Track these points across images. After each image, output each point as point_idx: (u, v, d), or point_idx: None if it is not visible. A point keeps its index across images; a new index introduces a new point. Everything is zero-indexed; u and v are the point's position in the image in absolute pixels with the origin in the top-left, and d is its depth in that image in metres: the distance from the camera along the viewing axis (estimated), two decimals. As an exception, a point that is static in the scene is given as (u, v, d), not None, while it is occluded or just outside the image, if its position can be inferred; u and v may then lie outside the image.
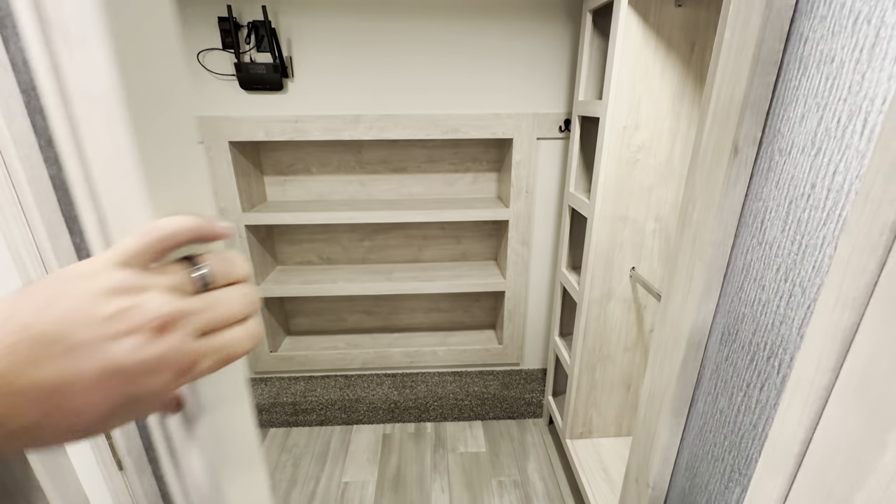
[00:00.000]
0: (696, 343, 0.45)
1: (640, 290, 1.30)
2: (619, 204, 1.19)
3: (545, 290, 1.78)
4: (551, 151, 1.57)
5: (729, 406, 0.35)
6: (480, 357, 1.85)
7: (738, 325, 0.36)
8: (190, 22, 1.32)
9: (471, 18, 1.38)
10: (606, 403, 1.44)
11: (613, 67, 1.05)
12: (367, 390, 1.76)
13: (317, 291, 1.67)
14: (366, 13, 1.35)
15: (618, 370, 1.40)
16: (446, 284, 1.69)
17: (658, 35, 1.04)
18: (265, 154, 1.66)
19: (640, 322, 1.34)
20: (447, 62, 1.43)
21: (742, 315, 0.35)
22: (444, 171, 1.74)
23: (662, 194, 1.19)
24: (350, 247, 1.85)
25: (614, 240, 1.23)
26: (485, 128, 1.50)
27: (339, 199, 1.74)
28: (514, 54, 1.42)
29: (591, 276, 1.26)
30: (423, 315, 1.99)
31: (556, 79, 1.46)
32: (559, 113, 1.50)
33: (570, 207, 1.41)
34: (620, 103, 1.09)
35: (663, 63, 1.07)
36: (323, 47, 1.38)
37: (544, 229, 1.68)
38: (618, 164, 1.14)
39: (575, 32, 1.40)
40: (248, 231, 1.58)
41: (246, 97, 1.41)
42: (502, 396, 1.75)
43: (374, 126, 1.47)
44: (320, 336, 1.94)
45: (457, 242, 1.87)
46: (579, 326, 1.33)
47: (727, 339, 0.37)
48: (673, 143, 1.14)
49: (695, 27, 1.05)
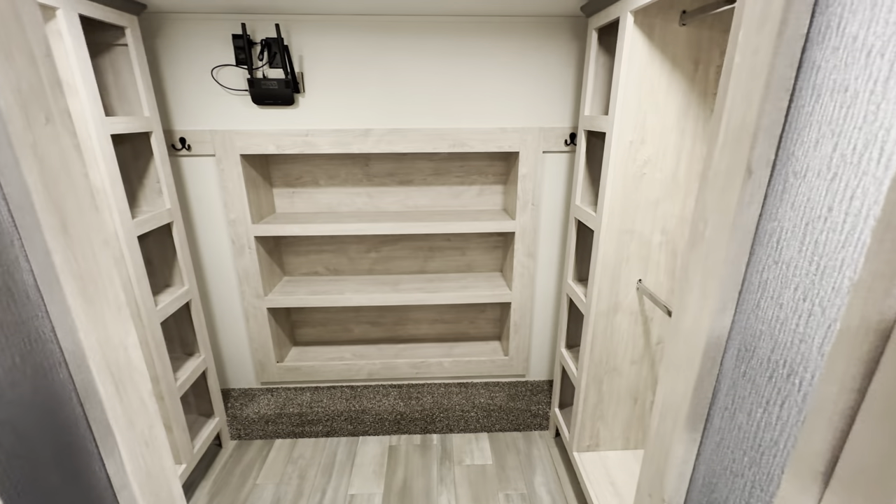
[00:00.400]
0: (711, 359, 0.46)
1: (646, 303, 1.30)
2: (626, 217, 1.20)
3: (551, 301, 1.79)
4: (557, 164, 1.59)
5: (748, 422, 0.36)
6: (486, 368, 1.85)
7: (755, 342, 0.37)
8: (205, 39, 1.35)
9: (478, 36, 1.41)
10: (614, 416, 1.44)
11: (620, 84, 1.08)
12: (374, 401, 1.75)
13: (324, 302, 1.68)
14: (375, 30, 1.38)
15: (625, 382, 1.40)
16: (453, 296, 1.69)
17: (663, 53, 1.07)
18: (274, 166, 1.69)
19: (646, 334, 1.34)
20: (455, 77, 1.46)
21: (759, 332, 0.36)
22: (450, 184, 1.76)
23: (668, 208, 1.20)
24: (357, 258, 1.86)
25: (621, 252, 1.24)
26: (491, 141, 1.52)
27: (347, 210, 1.76)
28: (520, 70, 1.45)
29: (597, 289, 1.27)
30: (429, 326, 1.99)
31: (562, 94, 1.49)
32: (565, 127, 1.52)
33: (577, 220, 1.43)
34: (627, 118, 1.11)
35: (668, 80, 1.09)
36: (334, 63, 1.41)
37: (550, 241, 1.70)
38: (624, 178, 1.16)
39: (580, 49, 1.43)
40: (257, 242, 1.60)
41: (258, 112, 1.44)
42: (508, 408, 1.74)
43: (382, 140, 1.49)
44: (326, 346, 1.94)
45: (462, 254, 1.89)
46: (586, 339, 1.33)
47: (744, 355, 0.38)
48: (678, 157, 1.16)
49: (698, 45, 1.07)
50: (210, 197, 1.55)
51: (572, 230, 1.46)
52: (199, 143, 1.46)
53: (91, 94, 1.04)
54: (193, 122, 1.45)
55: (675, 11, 1.04)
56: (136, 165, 1.33)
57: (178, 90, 1.41)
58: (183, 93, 1.41)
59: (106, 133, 1.09)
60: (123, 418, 0.52)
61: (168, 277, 1.45)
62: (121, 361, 0.53)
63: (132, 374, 0.58)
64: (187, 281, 1.44)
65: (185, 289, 1.43)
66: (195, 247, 1.62)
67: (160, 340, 1.28)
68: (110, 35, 1.17)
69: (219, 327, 1.75)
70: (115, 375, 0.51)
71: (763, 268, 0.36)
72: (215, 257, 1.64)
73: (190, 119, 1.44)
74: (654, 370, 1.39)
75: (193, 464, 1.45)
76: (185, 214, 1.56)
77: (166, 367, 1.31)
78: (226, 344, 1.77)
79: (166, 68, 1.38)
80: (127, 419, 0.53)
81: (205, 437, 1.53)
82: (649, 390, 1.42)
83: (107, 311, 0.51)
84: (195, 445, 1.48)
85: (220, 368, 1.81)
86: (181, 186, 1.53)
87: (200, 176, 1.52)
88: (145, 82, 1.23)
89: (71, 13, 0.99)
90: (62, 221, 0.42)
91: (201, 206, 1.56)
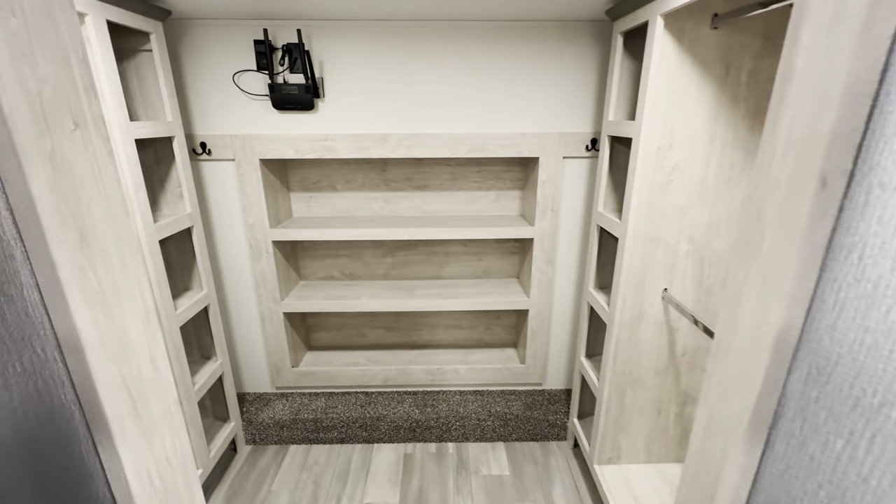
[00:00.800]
0: (773, 381, 0.43)
1: (671, 312, 1.27)
2: (652, 224, 1.17)
3: (569, 309, 1.76)
4: (577, 170, 1.56)
5: (823, 453, 0.33)
6: (502, 376, 1.82)
7: (831, 367, 0.34)
8: (228, 44, 1.35)
9: (498, 40, 1.39)
10: (636, 428, 1.40)
11: (648, 89, 1.05)
12: (389, 408, 1.74)
13: (340, 308, 1.67)
14: (395, 35, 1.38)
15: (648, 394, 1.36)
16: (470, 302, 1.67)
17: (693, 57, 1.04)
18: (292, 171, 1.69)
19: (671, 345, 1.30)
20: (474, 82, 1.44)
21: (836, 356, 0.34)
22: (467, 189, 1.74)
23: (696, 215, 1.17)
24: (372, 262, 1.85)
25: (646, 261, 1.21)
26: (511, 147, 1.50)
27: (363, 215, 1.75)
28: (540, 75, 1.43)
29: (622, 298, 1.24)
30: (444, 331, 1.97)
31: (583, 99, 1.47)
32: (586, 132, 1.50)
33: (599, 227, 1.40)
34: (654, 124, 1.08)
35: (698, 84, 1.06)
36: (353, 68, 1.40)
37: (569, 248, 1.67)
38: (651, 185, 1.13)
39: (601, 53, 1.41)
40: (274, 246, 1.59)
41: (277, 116, 1.44)
42: (525, 417, 1.71)
43: (401, 144, 1.48)
44: (341, 351, 1.93)
45: (479, 259, 1.86)
46: (609, 348, 1.30)
47: (816, 379, 0.36)
48: (707, 164, 1.13)
49: (730, 49, 1.04)
50: (229, 201, 1.55)
51: (594, 237, 1.43)
52: (220, 148, 1.46)
53: (116, 99, 1.05)
54: (214, 126, 1.45)
55: (706, 14, 1.01)
56: (158, 170, 1.33)
57: (200, 95, 1.41)
58: (204, 98, 1.42)
59: (130, 137, 1.09)
60: (140, 438, 0.50)
61: (187, 281, 1.45)
62: (144, 374, 0.51)
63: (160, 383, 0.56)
64: (206, 285, 1.44)
65: (203, 293, 1.42)
66: (213, 250, 1.62)
67: (179, 345, 1.28)
68: (136, 41, 1.18)
69: (235, 331, 1.75)
70: (135, 390, 0.49)
71: (840, 286, 0.33)
72: (233, 261, 1.64)
73: (211, 124, 1.45)
74: (678, 381, 1.35)
75: (210, 468, 1.45)
76: (205, 218, 1.57)
77: (185, 373, 1.30)
78: (241, 348, 1.77)
79: (188, 73, 1.39)
80: (145, 437, 0.51)
81: (221, 442, 1.53)
82: (673, 402, 1.38)
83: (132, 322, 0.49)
84: (211, 450, 1.48)
85: (236, 372, 1.81)
86: (201, 190, 1.53)
87: (220, 180, 1.52)
88: (169, 87, 1.24)
89: (99, 19, 0.99)
90: (80, 231, 0.40)
91: (220, 210, 1.57)
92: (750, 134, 1.11)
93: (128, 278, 0.49)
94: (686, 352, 1.31)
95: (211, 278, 1.47)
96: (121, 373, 0.45)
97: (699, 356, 1.32)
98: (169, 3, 1.19)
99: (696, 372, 1.34)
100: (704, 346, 1.31)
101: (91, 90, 0.45)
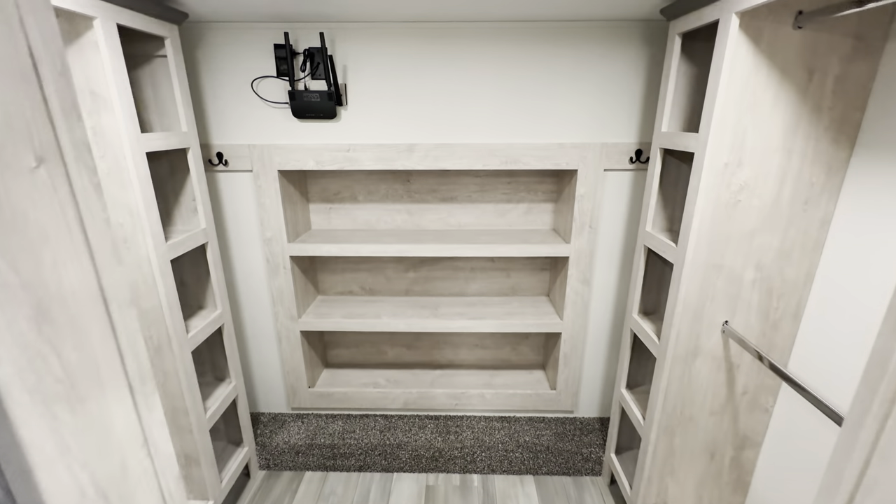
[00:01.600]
0: None
1: (732, 347, 1.13)
2: (714, 250, 1.04)
3: (605, 333, 1.62)
4: (619, 184, 1.43)
5: None
6: (531, 402, 1.70)
7: None
8: (246, 49, 1.27)
9: (537, 43, 1.27)
10: (686, 472, 1.26)
11: (717, 97, 0.92)
12: (409, 434, 1.63)
13: (360, 327, 1.57)
14: (424, 38, 1.27)
15: (702, 435, 1.22)
16: (498, 324, 1.55)
17: (771, 60, 0.90)
18: (312, 181, 1.60)
19: (730, 383, 1.16)
20: (508, 89, 1.32)
21: None
22: (495, 201, 1.62)
23: (766, 240, 1.03)
24: (394, 277, 1.75)
25: (706, 290, 1.07)
26: (547, 158, 1.38)
27: (386, 227, 1.65)
28: (581, 80, 1.31)
29: (676, 330, 1.10)
30: (468, 351, 1.85)
31: (628, 106, 1.33)
32: (630, 143, 1.37)
33: (647, 248, 1.27)
34: (722, 138, 0.95)
35: (775, 92, 0.92)
36: (378, 74, 1.30)
37: (607, 268, 1.54)
38: (715, 206, 1.00)
39: (650, 57, 1.28)
40: (292, 261, 1.51)
41: (298, 125, 1.35)
42: (556, 449, 1.58)
43: (428, 155, 1.37)
44: (359, 370, 1.83)
45: (507, 276, 1.75)
46: (659, 385, 1.17)
47: None
48: (782, 182, 0.99)
49: (815, 52, 0.90)
50: (246, 214, 1.47)
51: (640, 259, 1.29)
52: (237, 159, 1.38)
53: (127, 110, 0.97)
54: (231, 136, 1.37)
55: (788, 12, 0.87)
56: (171, 182, 1.25)
57: (217, 103, 1.33)
58: (221, 106, 1.33)
59: (141, 151, 1.01)
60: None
61: (201, 299, 1.37)
62: (131, 471, 0.41)
63: (159, 459, 0.47)
64: (220, 304, 1.35)
65: (217, 312, 1.34)
66: (229, 266, 1.54)
67: (191, 371, 1.20)
68: (149, 46, 1.10)
69: (250, 349, 1.66)
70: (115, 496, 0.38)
71: None
72: (249, 277, 1.55)
73: (228, 133, 1.37)
74: (736, 423, 1.21)
75: (221, 499, 1.36)
76: (220, 232, 1.49)
77: (196, 399, 1.22)
78: (256, 366, 1.69)
79: (205, 80, 1.31)
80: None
81: (234, 469, 1.44)
82: (729, 445, 1.24)
83: (116, 402, 0.39)
84: (223, 478, 1.39)
85: (250, 392, 1.73)
86: (216, 203, 1.45)
87: (236, 192, 1.44)
88: (184, 96, 1.16)
89: (109, 23, 0.91)
90: (38, 305, 0.30)
91: (236, 223, 1.48)
92: (834, 148, 0.96)
93: (113, 344, 0.39)
94: (747, 390, 1.17)
95: (226, 296, 1.38)
96: (93, 481, 0.35)
97: (762, 395, 1.18)
98: (185, 5, 1.11)
99: (756, 413, 1.20)
100: (769, 384, 1.16)
101: (73, 111, 0.35)
